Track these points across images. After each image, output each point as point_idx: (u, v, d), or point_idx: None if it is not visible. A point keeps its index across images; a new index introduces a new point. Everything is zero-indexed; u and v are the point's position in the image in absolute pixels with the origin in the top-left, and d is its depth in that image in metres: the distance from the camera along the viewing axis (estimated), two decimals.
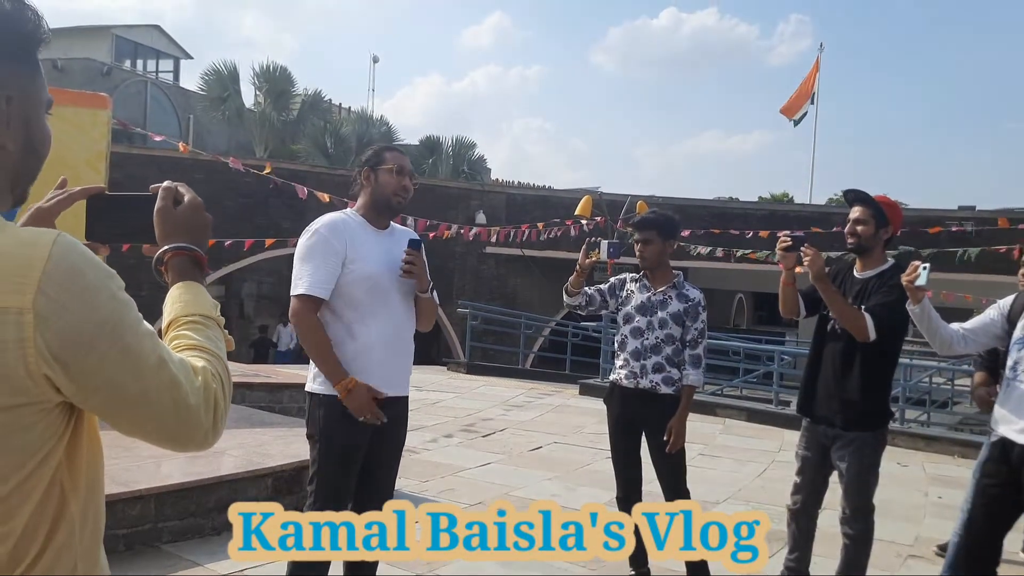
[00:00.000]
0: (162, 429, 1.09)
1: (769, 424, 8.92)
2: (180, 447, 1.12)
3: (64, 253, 1.00)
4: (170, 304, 1.23)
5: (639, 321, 3.79)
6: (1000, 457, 3.17)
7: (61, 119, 7.18)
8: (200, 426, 1.10)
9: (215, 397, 1.12)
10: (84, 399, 1.04)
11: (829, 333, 3.59)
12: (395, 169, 2.95)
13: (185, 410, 1.08)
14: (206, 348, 1.18)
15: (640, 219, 3.84)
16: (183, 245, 1.26)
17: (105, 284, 1.04)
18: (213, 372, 1.14)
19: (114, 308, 1.04)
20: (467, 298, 17.38)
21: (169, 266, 1.26)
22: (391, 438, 3.01)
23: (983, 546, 3.21)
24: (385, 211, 3.00)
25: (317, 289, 2.82)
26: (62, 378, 1.00)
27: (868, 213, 3.52)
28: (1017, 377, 3.16)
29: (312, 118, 28.77)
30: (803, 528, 3.71)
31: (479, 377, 12.03)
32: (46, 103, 1.16)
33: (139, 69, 33.22)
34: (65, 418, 1.05)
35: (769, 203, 30.76)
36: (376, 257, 2.90)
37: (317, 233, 2.89)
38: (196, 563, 3.88)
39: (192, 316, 1.21)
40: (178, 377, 1.08)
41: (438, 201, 18.90)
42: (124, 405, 1.05)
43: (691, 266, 16.00)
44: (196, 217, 1.30)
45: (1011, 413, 3.16)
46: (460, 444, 7.19)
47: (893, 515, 3.50)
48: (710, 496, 5.64)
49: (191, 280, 1.26)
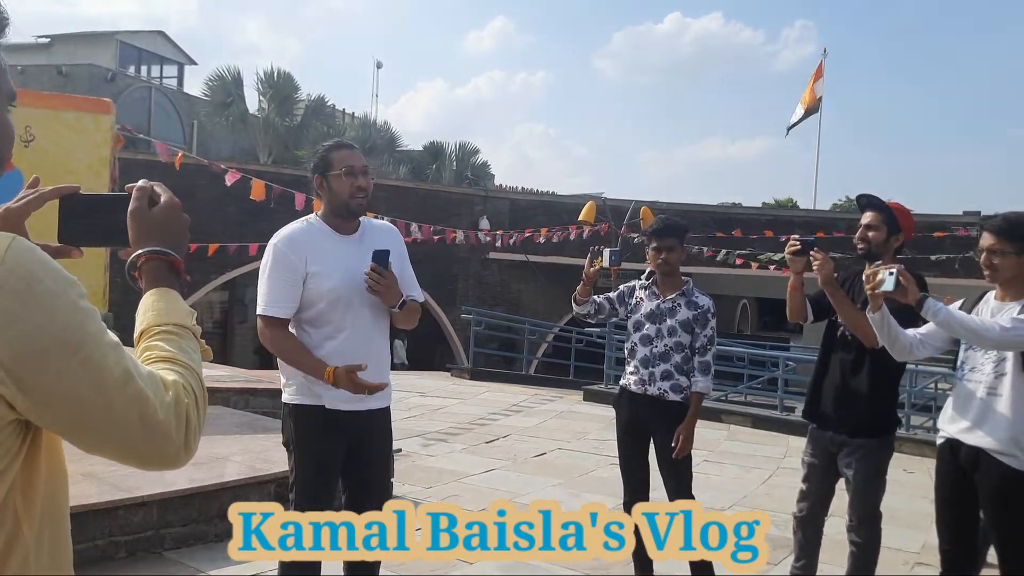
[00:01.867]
0: (128, 447, 1.01)
1: (774, 430, 8.89)
2: (149, 466, 1.05)
3: (18, 258, 0.94)
4: (142, 312, 1.15)
5: (649, 328, 3.77)
6: (950, 459, 3.20)
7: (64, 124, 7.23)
8: (171, 443, 1.03)
9: (187, 412, 1.05)
10: (40, 416, 0.97)
11: (838, 339, 3.57)
12: (344, 171, 2.78)
13: (153, 426, 1.01)
14: (179, 360, 1.10)
15: (662, 227, 3.78)
16: (158, 249, 1.19)
17: (64, 291, 0.97)
18: (185, 386, 1.07)
19: (73, 317, 0.96)
20: (471, 304, 17.38)
21: (143, 271, 1.18)
22: (375, 452, 2.93)
23: (960, 552, 3.22)
24: (347, 214, 2.85)
25: (275, 309, 2.74)
26: (15, 393, 0.93)
27: (880, 219, 3.49)
28: (965, 376, 3.18)
29: (315, 123, 28.81)
30: (809, 535, 3.68)
31: (483, 383, 12.01)
32: (8, 96, 1.09)
33: (143, 75, 33.32)
34: (20, 437, 0.98)
35: (773, 208, 30.74)
36: (337, 268, 2.76)
37: (275, 248, 2.78)
38: (199, 570, 3.86)
39: (165, 325, 1.14)
40: (145, 391, 1.00)
41: (442, 207, 18.93)
42: (85, 422, 0.98)
43: (695, 271, 15.98)
44: (173, 219, 1.22)
45: (958, 413, 3.18)
46: (464, 450, 7.16)
47: (900, 522, 3.47)
48: (715, 503, 5.61)
49: (165, 286, 1.18)
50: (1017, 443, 2.99)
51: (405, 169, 29.69)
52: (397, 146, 31.16)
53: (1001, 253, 3.06)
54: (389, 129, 31.37)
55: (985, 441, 3.07)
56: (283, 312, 2.75)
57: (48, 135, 6.92)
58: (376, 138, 29.76)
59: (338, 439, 2.81)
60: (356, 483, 2.93)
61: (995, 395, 3.07)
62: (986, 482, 3.08)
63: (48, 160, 6.84)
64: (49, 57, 31.67)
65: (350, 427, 2.82)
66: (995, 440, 3.03)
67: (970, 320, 3.04)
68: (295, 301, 2.75)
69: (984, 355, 3.13)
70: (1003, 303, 3.13)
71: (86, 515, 3.72)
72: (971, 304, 3.27)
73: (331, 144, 2.93)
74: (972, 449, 3.11)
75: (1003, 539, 3.10)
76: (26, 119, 6.79)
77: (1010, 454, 3.00)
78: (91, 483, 3.90)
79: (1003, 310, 3.09)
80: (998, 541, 3.12)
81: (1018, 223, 3.07)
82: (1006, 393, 3.04)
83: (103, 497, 3.77)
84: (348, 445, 2.84)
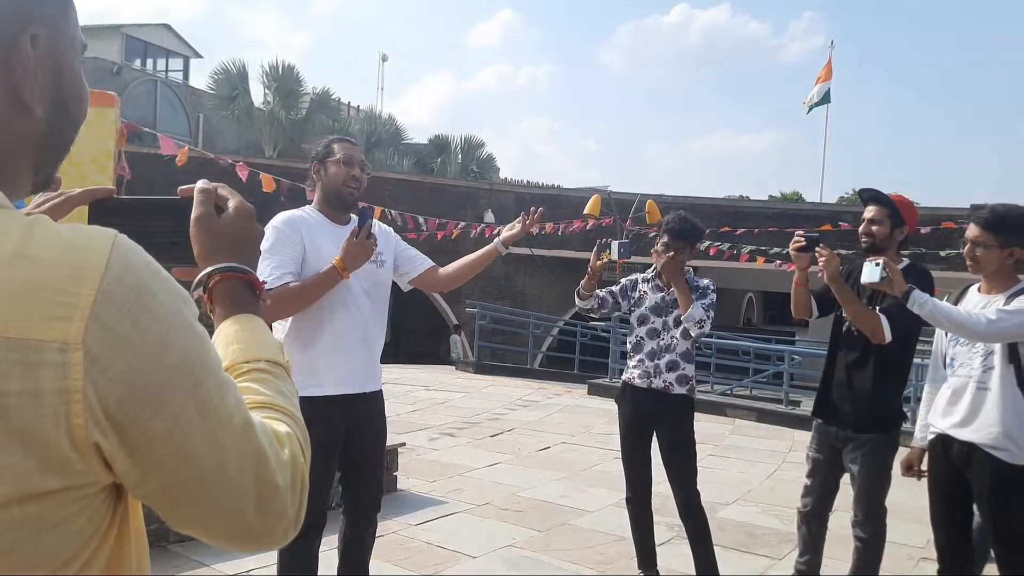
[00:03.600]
0: (236, 521, 0.77)
1: (779, 424, 8.87)
2: (254, 545, 0.81)
3: (127, 262, 0.71)
4: (224, 345, 0.91)
5: (655, 322, 3.76)
6: (942, 455, 3.20)
7: None
8: (284, 516, 0.80)
9: (302, 475, 0.83)
10: (141, 479, 0.72)
11: (844, 335, 3.55)
12: (343, 160, 2.90)
13: (271, 494, 0.78)
14: (282, 407, 0.87)
15: (680, 228, 3.74)
16: (235, 266, 0.96)
17: (180, 310, 0.74)
18: (299, 441, 0.85)
19: (193, 345, 0.73)
20: (476, 297, 17.37)
21: (216, 294, 0.95)
22: (370, 436, 3.00)
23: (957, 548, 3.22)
24: (337, 203, 2.95)
25: (276, 280, 2.73)
26: (117, 448, 0.69)
27: (883, 213, 3.47)
28: (956, 372, 3.17)
29: (320, 117, 28.81)
30: (814, 531, 3.67)
31: (488, 377, 12.03)
32: (80, 46, 0.85)
33: (149, 68, 33.34)
34: (111, 509, 0.74)
35: (779, 202, 30.62)
36: (331, 253, 2.80)
37: (275, 227, 2.84)
38: (203, 563, 3.88)
39: (257, 363, 0.91)
40: (264, 447, 0.78)
41: (447, 200, 18.91)
42: (193, 488, 0.74)
43: (701, 265, 15.93)
44: (246, 229, 0.99)
45: (948, 408, 3.17)
46: (468, 444, 7.17)
47: (905, 517, 3.46)
48: (719, 497, 5.60)
49: (249, 312, 0.95)
50: (1009, 436, 2.99)
51: (410, 162, 29.67)
52: (402, 139, 31.15)
53: (984, 245, 3.07)
54: (394, 122, 31.38)
55: (977, 436, 3.07)
56: (283, 280, 2.75)
57: None
58: (381, 131, 29.75)
59: (337, 427, 2.87)
60: (352, 474, 3.01)
61: (984, 389, 3.07)
62: (980, 478, 3.07)
63: None
64: None
65: (347, 413, 2.88)
66: (987, 435, 3.03)
67: (956, 313, 3.04)
68: (295, 274, 2.79)
69: (972, 349, 3.13)
70: (988, 295, 3.14)
71: None
72: (956, 297, 3.27)
73: (335, 137, 3.06)
74: (964, 445, 3.11)
75: (999, 534, 3.09)
76: None
77: (1003, 448, 3.00)
78: None
79: (988, 302, 3.09)
80: (994, 536, 3.11)
81: (1004, 216, 3.06)
82: (995, 387, 3.04)
83: None
84: (346, 432, 2.91)
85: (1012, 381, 3.02)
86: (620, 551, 4.33)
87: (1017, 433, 2.99)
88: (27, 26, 0.76)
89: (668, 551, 4.29)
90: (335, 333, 2.85)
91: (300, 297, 2.78)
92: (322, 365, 2.83)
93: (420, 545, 4.40)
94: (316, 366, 2.83)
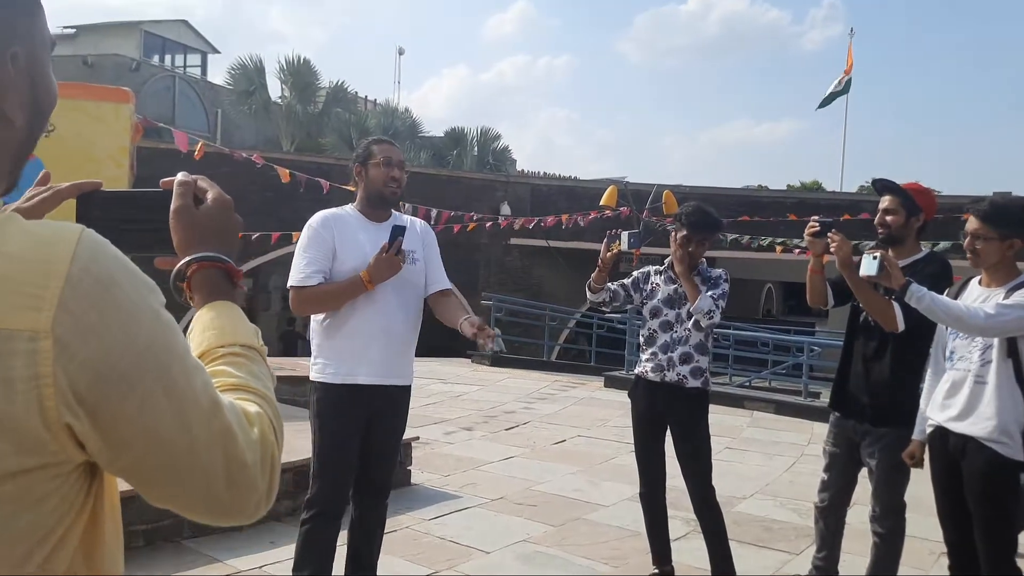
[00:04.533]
0: (208, 497, 0.81)
1: (798, 417, 8.78)
2: (225, 519, 0.85)
3: (93, 254, 0.75)
4: (200, 331, 0.96)
5: (668, 314, 3.71)
6: (940, 447, 3.16)
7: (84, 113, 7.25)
8: (255, 492, 0.84)
9: (272, 453, 0.87)
10: (113, 457, 0.77)
11: (861, 325, 3.50)
12: (383, 162, 3.04)
13: (240, 471, 0.82)
14: (254, 388, 0.91)
15: (699, 221, 3.68)
16: (212, 255, 0.99)
17: (145, 298, 0.78)
18: (270, 421, 0.88)
19: (158, 331, 0.78)
20: (492, 290, 17.34)
21: (194, 282, 0.99)
22: (389, 428, 3.12)
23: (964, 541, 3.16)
24: (379, 203, 3.10)
25: (306, 279, 2.95)
26: (88, 430, 0.74)
27: (898, 202, 3.42)
28: (955, 365, 3.14)
29: (337, 110, 28.86)
30: (831, 526, 3.62)
31: (503, 369, 12.00)
32: (51, 44, 0.89)
33: (167, 64, 33.52)
34: (85, 486, 0.78)
35: (799, 191, 30.37)
36: (360, 250, 2.97)
37: (309, 227, 3.03)
38: (216, 559, 3.87)
39: (231, 346, 0.94)
40: (233, 427, 0.82)
41: (462, 192, 18.88)
42: (164, 465, 0.78)
43: (719, 256, 15.82)
44: (225, 219, 1.03)
45: (946, 401, 3.14)
46: (483, 437, 7.14)
47: (925, 511, 3.39)
48: (737, 491, 5.54)
49: (225, 300, 0.99)
50: (1005, 430, 2.95)
51: (426, 155, 29.67)
52: (418, 132, 31.15)
53: (984, 238, 3.02)
54: (410, 115, 31.39)
55: (973, 429, 3.03)
56: (311, 280, 2.95)
57: (68, 125, 6.92)
58: (397, 125, 29.75)
59: (359, 412, 2.99)
60: (366, 457, 3.07)
61: (982, 383, 3.03)
62: (971, 469, 3.04)
63: (69, 150, 6.84)
64: (75, 47, 31.93)
65: (371, 403, 2.99)
66: (983, 428, 3.00)
67: (955, 306, 3.00)
68: (325, 273, 2.96)
69: (971, 343, 3.09)
70: (988, 289, 3.09)
71: None
72: (956, 290, 3.23)
73: (374, 139, 3.22)
74: (960, 437, 3.07)
75: (984, 526, 3.03)
76: None
77: (998, 441, 2.97)
78: None
79: (988, 296, 3.05)
80: (979, 529, 3.05)
81: (1004, 208, 3.03)
82: (992, 381, 3.00)
83: (121, 486, 3.75)
84: (367, 420, 3.02)
85: (1010, 375, 2.98)
86: (635, 546, 4.29)
87: (1013, 427, 2.95)
88: (7, 47, 0.81)
89: (684, 546, 4.25)
90: (359, 324, 2.96)
91: (325, 300, 2.98)
92: (345, 354, 2.97)
93: (433, 540, 4.38)
94: (341, 354, 2.98)
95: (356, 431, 2.99)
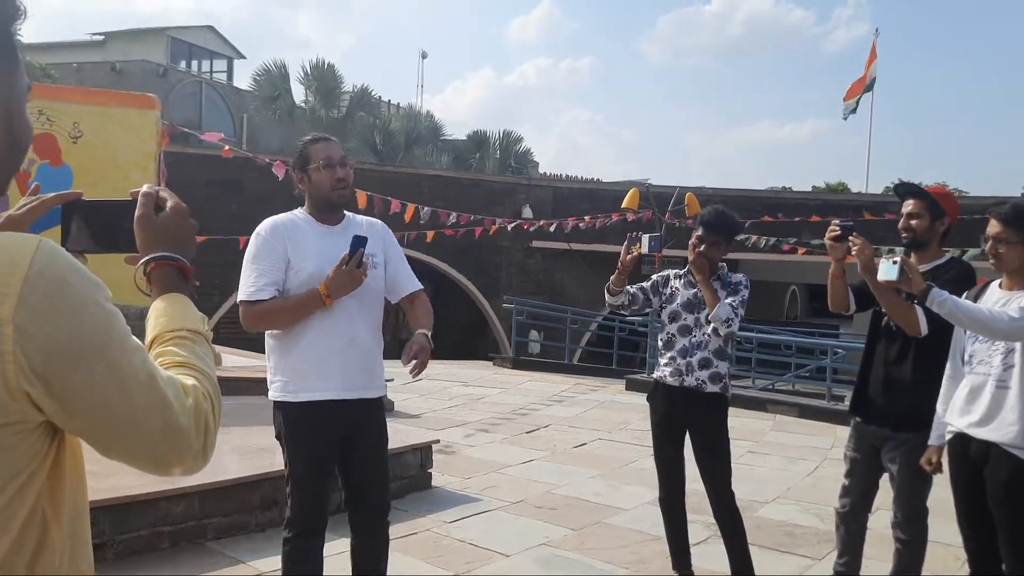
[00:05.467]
0: (149, 452, 1.02)
1: (822, 420, 8.70)
2: (166, 471, 1.05)
3: (48, 260, 0.93)
4: (154, 319, 1.16)
5: (687, 319, 3.70)
6: (961, 454, 3.12)
7: (111, 120, 7.34)
8: (190, 449, 1.03)
9: (206, 418, 1.06)
10: (67, 419, 0.97)
11: (883, 329, 3.47)
12: (323, 163, 2.81)
13: (175, 432, 1.01)
14: (194, 365, 1.11)
15: (713, 220, 3.67)
16: (167, 255, 1.19)
17: (91, 294, 0.97)
18: (204, 391, 1.08)
19: (101, 320, 0.97)
20: (513, 292, 17.36)
21: (152, 277, 1.20)
22: (368, 444, 2.90)
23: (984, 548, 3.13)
24: (328, 209, 2.88)
25: (257, 292, 2.74)
26: (44, 396, 0.93)
27: (922, 206, 3.39)
28: (974, 370, 3.09)
29: (360, 114, 29.03)
30: (852, 531, 3.59)
31: (525, 372, 12.00)
32: (26, 89, 1.08)
33: (194, 70, 33.91)
34: (47, 439, 0.98)
35: (823, 193, 30.11)
36: (318, 256, 2.76)
37: (257, 236, 2.82)
38: (240, 560, 3.92)
39: (178, 331, 1.14)
40: (168, 396, 1.01)
41: (484, 195, 18.92)
42: (110, 426, 0.98)
43: (743, 258, 15.74)
44: (180, 224, 1.22)
45: (966, 407, 3.09)
46: (504, 440, 7.16)
47: (950, 516, 3.35)
48: (757, 496, 5.51)
49: (176, 292, 1.19)
50: None
51: (448, 158, 29.76)
52: (441, 135, 31.25)
53: (1007, 242, 2.99)
54: (432, 119, 31.50)
55: (996, 435, 2.98)
56: (263, 295, 2.74)
57: (95, 131, 7.05)
58: (420, 128, 29.87)
59: (330, 433, 2.80)
60: (352, 479, 2.93)
61: (1004, 388, 2.98)
62: (994, 476, 2.99)
63: (96, 156, 6.97)
64: (104, 54, 32.42)
65: (341, 419, 2.80)
66: (1005, 434, 2.95)
67: (977, 311, 2.96)
68: (278, 285, 2.76)
69: (991, 346, 3.05)
70: (1010, 292, 3.05)
71: (129, 506, 3.80)
72: (975, 294, 3.18)
73: (308, 138, 2.95)
74: (982, 444, 3.03)
75: (1009, 534, 2.99)
76: (74, 115, 6.93)
77: (1022, 447, 2.92)
78: (133, 474, 3.95)
79: (1009, 299, 3.01)
80: (1004, 537, 3.01)
81: None
82: (1015, 386, 2.95)
83: (146, 489, 3.83)
84: (343, 437, 2.83)
85: None
86: (655, 550, 4.28)
87: None
88: None
89: (704, 550, 4.23)
90: (316, 337, 2.77)
91: (279, 315, 2.77)
92: (308, 369, 2.78)
93: (453, 543, 4.40)
94: (302, 370, 2.78)
95: (329, 448, 2.81)
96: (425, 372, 2.81)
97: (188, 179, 13.20)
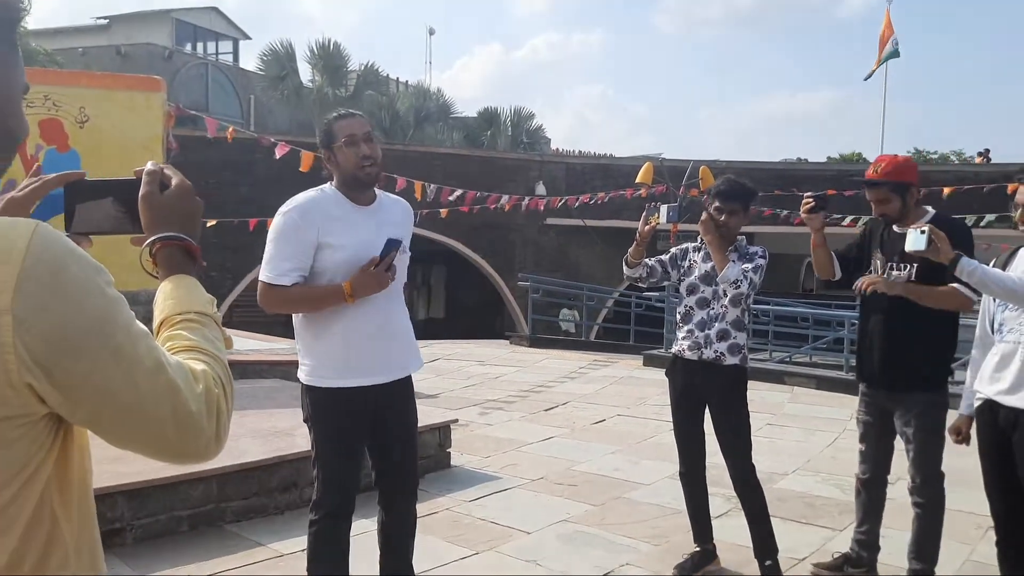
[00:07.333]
0: (160, 441, 0.98)
1: (839, 392, 8.65)
2: (179, 459, 1.01)
3: (45, 245, 0.89)
4: (161, 301, 1.12)
5: (705, 291, 3.65)
6: (990, 420, 3.11)
7: (116, 103, 7.32)
8: (202, 435, 1.00)
9: (218, 403, 1.02)
10: (72, 410, 0.93)
11: (869, 296, 3.48)
12: (346, 141, 2.72)
13: (186, 419, 0.98)
14: (204, 349, 1.07)
15: (728, 188, 3.64)
16: (173, 235, 1.15)
17: (92, 279, 0.93)
18: (214, 376, 1.04)
19: (103, 306, 0.93)
20: (528, 270, 17.30)
21: (158, 257, 1.15)
22: (398, 422, 2.89)
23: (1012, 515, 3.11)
24: (357, 187, 2.79)
25: (281, 277, 2.69)
26: (46, 387, 0.89)
27: (883, 192, 3.43)
28: (1004, 338, 3.07)
29: (368, 92, 28.86)
30: (873, 498, 3.61)
31: (542, 350, 11.98)
32: (22, 89, 1.04)
33: (199, 52, 33.81)
34: (52, 431, 0.95)
35: (837, 163, 29.79)
36: (352, 240, 2.71)
37: (288, 216, 2.73)
38: (259, 543, 3.92)
39: (186, 314, 1.10)
40: (176, 382, 0.97)
41: (496, 173, 18.81)
42: (117, 415, 0.94)
43: (758, 231, 15.60)
44: (186, 203, 1.17)
45: (996, 374, 3.08)
46: (522, 418, 7.15)
47: (972, 484, 3.32)
48: (777, 468, 5.48)
49: (183, 273, 1.15)
50: None
51: (459, 136, 29.61)
52: (451, 113, 31.08)
53: None
54: (442, 96, 31.30)
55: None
56: (288, 281, 2.70)
57: (102, 115, 7.04)
58: (430, 106, 29.71)
59: (358, 417, 2.78)
60: (381, 461, 2.92)
61: None
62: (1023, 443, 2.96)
63: (103, 139, 6.96)
64: (109, 38, 32.35)
65: (371, 402, 2.78)
66: None
67: (1007, 278, 2.94)
68: (303, 271, 2.71)
69: (1021, 314, 3.02)
70: None
71: (148, 490, 3.81)
72: (1005, 260, 3.15)
73: (334, 115, 2.86)
74: (1011, 411, 3.00)
75: None
76: (80, 99, 6.91)
77: None
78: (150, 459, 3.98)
79: None
80: None
81: None
82: None
83: (164, 472, 3.83)
84: (371, 420, 2.82)
85: None
86: (676, 524, 4.26)
87: None
88: None
89: (725, 523, 4.21)
90: (347, 322, 2.73)
91: (299, 304, 2.76)
92: (338, 355, 2.76)
93: (473, 521, 4.39)
94: (332, 356, 2.76)
95: (359, 431, 2.81)
96: (441, 351, 2.80)
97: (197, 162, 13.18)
